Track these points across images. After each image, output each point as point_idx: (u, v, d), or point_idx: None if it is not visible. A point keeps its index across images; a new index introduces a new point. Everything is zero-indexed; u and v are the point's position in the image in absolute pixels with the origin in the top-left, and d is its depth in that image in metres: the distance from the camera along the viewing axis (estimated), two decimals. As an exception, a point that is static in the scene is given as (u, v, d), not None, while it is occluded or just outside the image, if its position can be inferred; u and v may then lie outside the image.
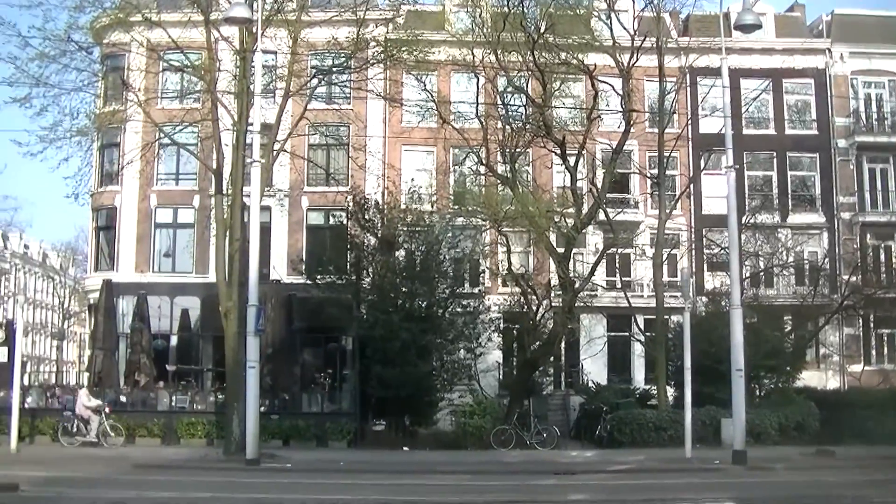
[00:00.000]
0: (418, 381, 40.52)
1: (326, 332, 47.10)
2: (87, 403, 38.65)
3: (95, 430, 38.11)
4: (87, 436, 38.13)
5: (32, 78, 36.77)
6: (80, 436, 38.16)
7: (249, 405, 32.35)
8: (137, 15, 38.75)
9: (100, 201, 56.17)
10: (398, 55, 41.49)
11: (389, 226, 44.80)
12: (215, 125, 38.26)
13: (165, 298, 51.55)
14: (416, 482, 28.09)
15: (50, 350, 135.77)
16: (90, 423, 38.31)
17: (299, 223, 55.27)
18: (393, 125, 54.72)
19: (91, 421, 38.34)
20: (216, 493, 23.89)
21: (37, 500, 22.07)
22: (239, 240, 35.93)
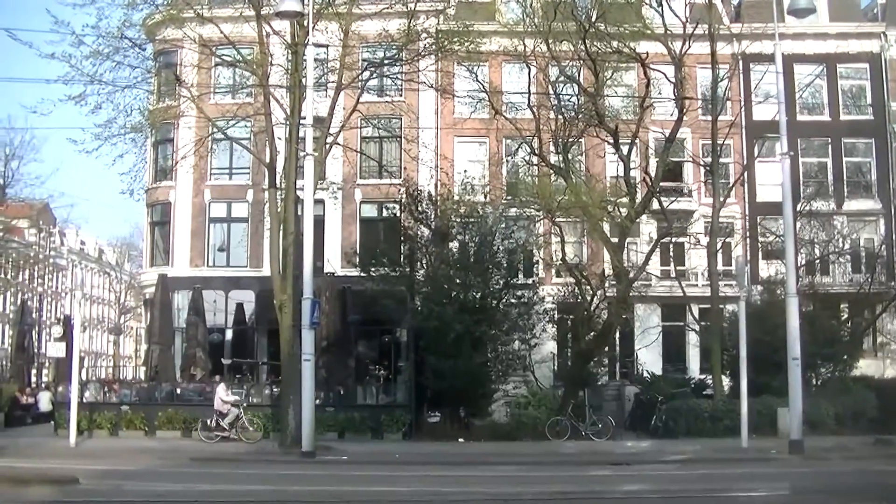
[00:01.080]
0: (473, 373, 40.43)
1: (381, 324, 47.27)
2: (224, 398, 38.74)
3: (233, 425, 38.19)
4: (224, 431, 38.21)
5: (87, 76, 36.98)
6: (218, 431, 38.17)
7: (305, 398, 32.43)
8: (189, 11, 38.93)
9: (154, 197, 56.65)
10: (449, 46, 41.32)
11: (443, 217, 44.73)
12: (268, 119, 38.37)
13: (220, 292, 52.01)
14: (472, 474, 28.14)
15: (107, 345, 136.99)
16: (227, 418, 38.38)
17: (353, 216, 55.39)
18: (445, 116, 54.69)
19: (229, 415, 38.41)
20: (272, 486, 23.99)
21: (95, 492, 22.18)
22: (293, 233, 36.00)
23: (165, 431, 40.13)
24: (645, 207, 43.98)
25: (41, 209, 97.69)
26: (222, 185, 56.88)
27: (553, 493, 23.12)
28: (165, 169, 55.88)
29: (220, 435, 37.95)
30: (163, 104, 45.66)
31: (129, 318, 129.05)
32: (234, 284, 53.26)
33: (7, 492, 21.29)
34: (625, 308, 46.05)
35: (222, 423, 38.15)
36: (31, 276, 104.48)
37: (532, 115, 45.13)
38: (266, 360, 50.35)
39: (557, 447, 36.93)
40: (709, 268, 46.46)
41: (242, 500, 21.86)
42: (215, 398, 38.93)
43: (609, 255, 44.30)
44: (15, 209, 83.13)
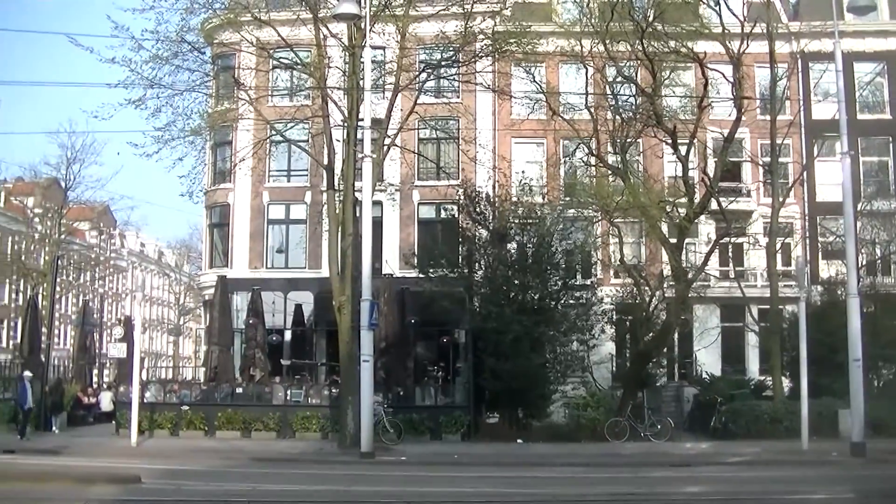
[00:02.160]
0: (531, 374, 40.37)
1: (439, 325, 47.20)
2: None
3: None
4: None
5: (146, 80, 37.41)
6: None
7: (364, 399, 32.56)
8: (247, 15, 39.14)
9: (213, 199, 57.04)
10: (506, 47, 41.28)
11: (501, 218, 44.67)
12: (326, 121, 38.56)
13: (279, 294, 52.24)
14: (531, 475, 28.10)
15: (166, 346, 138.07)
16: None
17: (411, 217, 55.50)
18: (502, 117, 54.66)
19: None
20: (332, 486, 24.10)
21: (158, 491, 22.40)
22: (351, 235, 36.17)
23: (225, 432, 40.39)
24: (703, 208, 43.69)
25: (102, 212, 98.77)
26: (281, 187, 57.15)
27: (613, 495, 23.07)
28: (224, 171, 56.22)
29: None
30: (221, 107, 45.98)
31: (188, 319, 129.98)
32: (293, 286, 53.47)
33: (72, 490, 21.57)
34: (683, 309, 45.85)
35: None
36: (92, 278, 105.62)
37: (589, 115, 45.04)
38: (325, 362, 50.56)
39: (616, 448, 36.83)
40: (768, 268, 46.19)
41: (303, 500, 21.98)
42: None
43: (667, 255, 44.09)
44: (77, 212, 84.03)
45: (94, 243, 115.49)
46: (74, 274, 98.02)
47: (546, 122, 50.25)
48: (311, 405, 42.02)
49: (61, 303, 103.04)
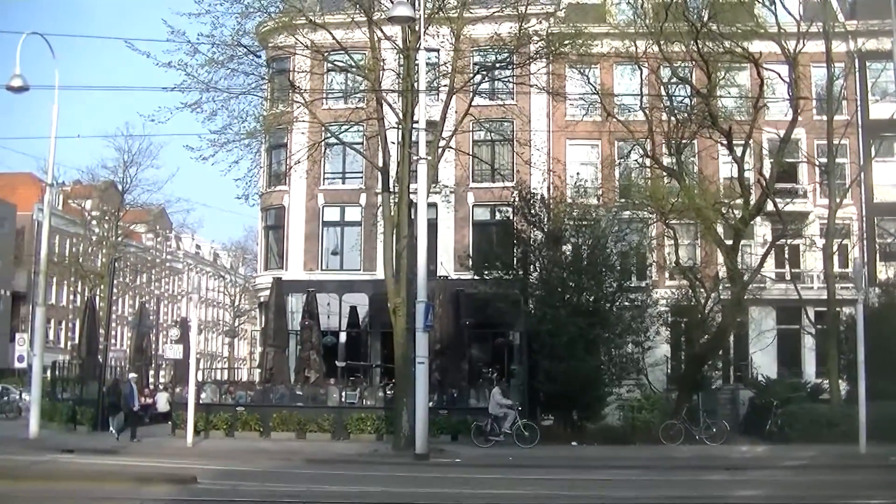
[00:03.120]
0: (586, 376, 40.23)
1: (494, 327, 47.15)
2: (501, 401, 38.88)
3: (509, 429, 38.13)
4: (499, 436, 38.24)
5: (202, 83, 37.62)
6: (493, 435, 38.21)
7: (419, 401, 32.59)
8: (301, 18, 39.33)
9: (268, 201, 57.34)
10: (560, 49, 41.23)
11: (556, 220, 44.59)
12: (381, 124, 38.65)
13: (334, 296, 52.44)
14: (585, 477, 28.03)
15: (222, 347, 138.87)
16: (504, 422, 38.44)
17: (465, 219, 55.52)
18: (557, 119, 54.57)
19: (506, 419, 38.47)
20: (387, 488, 24.16)
21: (213, 492, 22.57)
22: (406, 237, 36.25)
23: (280, 433, 40.54)
24: (759, 209, 43.39)
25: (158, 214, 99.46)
26: (335, 189, 57.36)
27: (668, 498, 23.02)
28: (279, 174, 56.45)
29: (495, 440, 37.97)
30: (276, 110, 46.13)
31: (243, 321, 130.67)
32: (348, 288, 53.63)
33: (129, 490, 21.79)
34: (739, 311, 45.49)
35: (502, 428, 38.16)
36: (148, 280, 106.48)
37: (644, 116, 44.91)
38: (379, 363, 50.67)
39: (671, 451, 36.66)
40: (825, 270, 45.81)
41: (359, 501, 22.07)
42: (490, 402, 39.19)
43: (723, 257, 43.81)
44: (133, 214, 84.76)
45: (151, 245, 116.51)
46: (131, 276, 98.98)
47: (601, 124, 50.16)
48: (365, 407, 42.14)
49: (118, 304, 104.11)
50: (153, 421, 47.93)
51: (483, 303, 44.35)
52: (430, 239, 37.42)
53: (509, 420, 38.24)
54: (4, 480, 23.06)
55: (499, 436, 38.14)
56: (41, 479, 23.98)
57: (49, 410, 44.18)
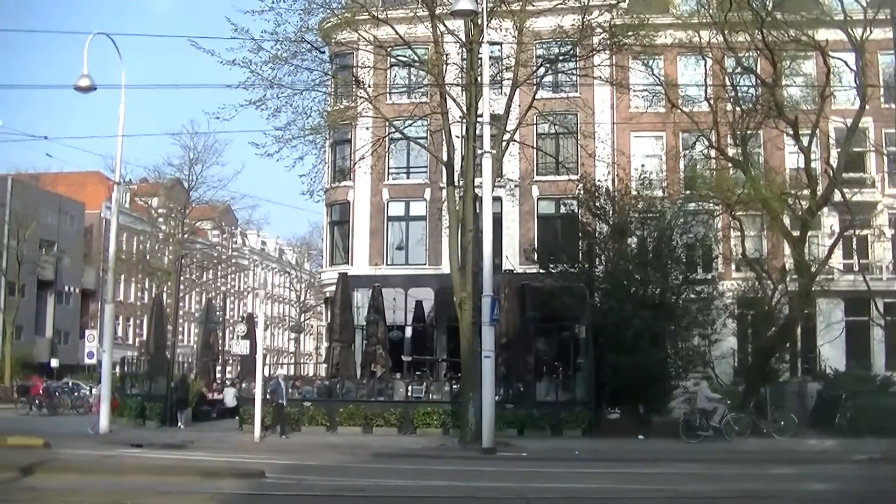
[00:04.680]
0: (652, 369, 40.04)
1: (559, 320, 46.90)
2: (710, 395, 38.75)
3: (718, 424, 37.80)
4: (708, 431, 37.86)
5: (266, 80, 37.96)
6: (702, 430, 37.86)
7: (485, 395, 32.57)
8: (364, 13, 39.44)
9: (333, 197, 57.57)
10: (624, 40, 41.03)
11: (621, 213, 44.41)
12: (445, 118, 38.67)
13: (399, 290, 52.49)
14: (652, 471, 27.93)
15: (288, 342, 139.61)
16: (713, 417, 38.12)
17: (530, 212, 55.48)
18: (621, 111, 54.38)
19: (715, 413, 38.18)
20: (453, 482, 24.13)
21: (281, 486, 22.67)
22: (472, 231, 36.27)
23: (346, 427, 40.66)
24: (826, 199, 43.00)
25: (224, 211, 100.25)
26: (400, 184, 57.51)
27: (735, 492, 22.79)
28: (343, 169, 56.69)
29: (704, 435, 37.59)
30: (340, 106, 46.28)
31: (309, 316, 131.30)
32: (413, 282, 53.74)
33: (198, 484, 21.92)
34: (807, 303, 45.01)
35: (711, 423, 37.78)
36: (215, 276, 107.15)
37: (709, 107, 44.56)
38: (445, 357, 50.76)
39: (739, 445, 36.33)
40: (894, 260, 45.29)
41: (425, 495, 22.02)
42: (699, 396, 39.10)
43: (790, 248, 43.49)
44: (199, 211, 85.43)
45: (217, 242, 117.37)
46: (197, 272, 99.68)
47: (665, 115, 49.83)
48: (431, 401, 42.18)
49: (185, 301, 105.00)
50: (220, 416, 48.33)
51: (548, 296, 44.23)
52: (496, 233, 37.25)
53: (718, 414, 37.84)
54: (77, 474, 23.33)
55: (707, 430, 37.67)
56: (112, 472, 24.22)
57: (118, 406, 44.58)
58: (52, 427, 41.06)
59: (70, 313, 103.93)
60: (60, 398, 58.78)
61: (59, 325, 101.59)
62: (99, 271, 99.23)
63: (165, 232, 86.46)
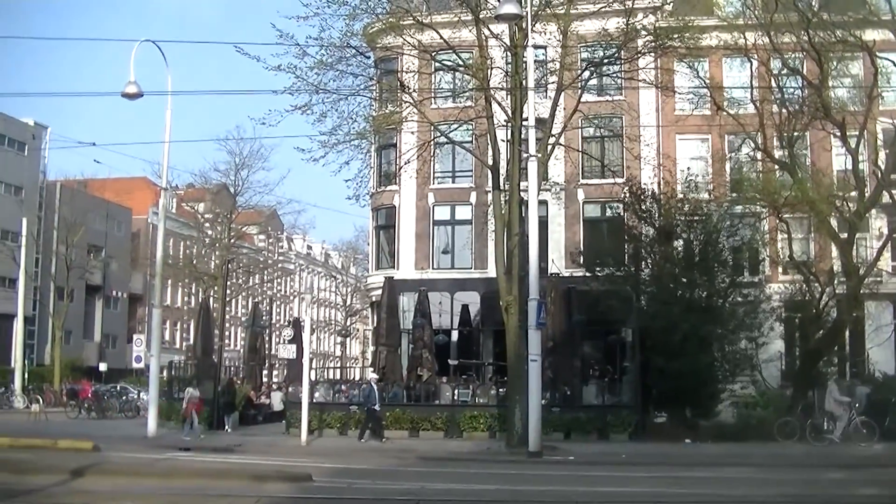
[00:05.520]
0: (699, 373, 39.92)
1: (606, 324, 46.77)
2: (838, 397, 38.25)
3: (842, 429, 37.29)
4: (833, 434, 37.45)
5: (312, 85, 38.04)
6: (827, 434, 37.49)
7: (531, 398, 32.54)
8: (408, 18, 39.46)
9: (379, 201, 57.72)
10: (669, 43, 40.90)
11: (667, 216, 44.32)
12: (490, 122, 38.67)
13: (445, 294, 52.65)
14: (699, 475, 27.75)
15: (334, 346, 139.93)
16: (838, 421, 37.64)
17: (576, 216, 55.47)
18: (666, 114, 54.21)
19: (840, 418, 37.66)
20: (500, 486, 24.15)
21: (329, 489, 22.76)
22: (518, 234, 36.27)
23: (393, 431, 40.66)
24: (875, 201, 42.72)
25: (270, 216, 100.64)
26: (446, 188, 57.63)
27: (783, 497, 22.67)
28: (389, 174, 56.91)
29: (829, 438, 37.25)
30: (385, 110, 46.40)
31: (355, 320, 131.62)
32: (459, 286, 53.85)
33: (246, 487, 22.07)
34: (855, 306, 44.65)
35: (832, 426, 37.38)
36: (261, 281, 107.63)
37: (755, 109, 44.38)
38: (492, 361, 50.73)
39: (786, 449, 36.08)
40: (945, 263, 44.91)
41: (471, 499, 22.07)
42: (826, 399, 38.62)
43: (838, 251, 43.22)
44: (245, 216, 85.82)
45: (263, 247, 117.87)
46: (244, 277, 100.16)
47: (710, 118, 49.68)
48: (478, 405, 42.19)
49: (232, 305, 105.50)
50: (267, 420, 48.57)
51: (594, 300, 44.22)
52: (541, 236, 37.20)
53: (843, 420, 37.60)
54: (128, 477, 23.56)
55: (833, 433, 37.32)
56: (162, 476, 24.39)
57: (166, 410, 44.86)
58: (101, 430, 41.42)
59: (118, 318, 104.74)
60: (109, 402, 59.26)
61: (108, 330, 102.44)
62: (146, 276, 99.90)
63: (212, 237, 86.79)
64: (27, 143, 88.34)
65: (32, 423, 47.25)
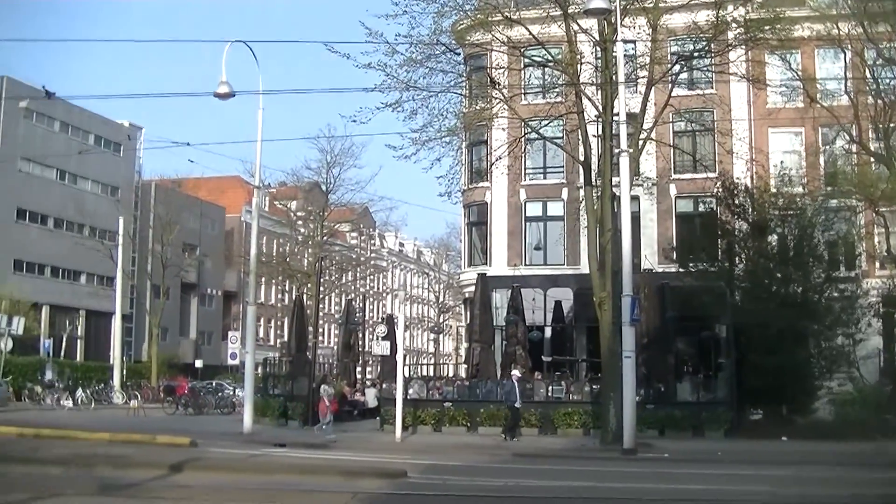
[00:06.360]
0: (795, 370, 39.49)
1: (699, 320, 46.39)
2: None
3: None
4: None
5: (402, 83, 38.27)
6: None
7: (626, 395, 32.43)
8: (497, 14, 39.48)
9: (471, 198, 57.77)
10: (760, 35, 40.46)
11: (760, 210, 43.91)
12: (580, 117, 38.55)
13: (538, 290, 52.58)
14: (795, 474, 27.38)
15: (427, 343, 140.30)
16: None
17: (668, 211, 55.10)
18: (758, 107, 53.62)
19: None
20: (595, 483, 24.04)
21: (423, 486, 22.80)
22: (610, 230, 36.18)
23: (487, 428, 40.80)
24: (974, 193, 42.00)
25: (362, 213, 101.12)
26: (537, 184, 57.51)
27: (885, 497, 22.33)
28: (480, 170, 56.92)
29: None
30: (476, 107, 46.45)
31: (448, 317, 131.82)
32: (552, 282, 53.76)
33: (341, 483, 22.21)
34: (956, 300, 43.99)
35: None
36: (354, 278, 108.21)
37: (849, 101, 43.84)
38: (585, 358, 50.59)
39: (886, 447, 35.49)
40: None
41: (566, 496, 21.98)
42: None
43: (937, 245, 42.54)
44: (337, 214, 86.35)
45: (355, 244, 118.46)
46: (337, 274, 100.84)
47: (804, 110, 49.17)
48: (572, 401, 42.15)
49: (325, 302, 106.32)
50: (362, 416, 48.86)
51: (688, 295, 43.92)
52: (634, 232, 37.03)
53: None
54: (225, 472, 23.83)
55: None
56: (258, 471, 24.67)
57: (261, 406, 45.31)
58: (197, 426, 41.98)
59: (213, 315, 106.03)
60: (205, 398, 60.02)
61: (203, 327, 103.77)
62: (240, 274, 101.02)
63: (304, 234, 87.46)
64: (123, 143, 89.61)
65: (131, 419, 48.01)
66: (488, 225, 57.97)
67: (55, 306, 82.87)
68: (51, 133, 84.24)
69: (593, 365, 44.70)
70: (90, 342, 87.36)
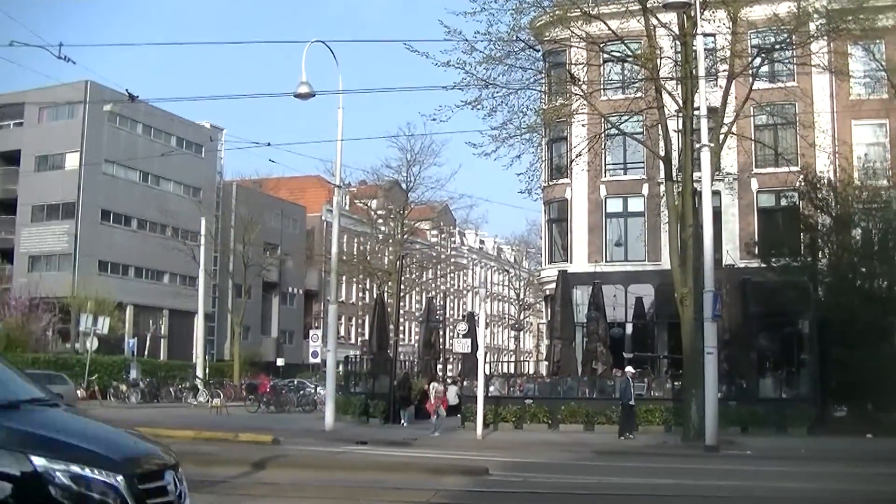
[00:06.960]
0: (881, 365, 38.81)
1: (782, 316, 45.91)
2: None
3: None
4: None
5: (481, 80, 38.25)
6: None
7: (708, 392, 32.22)
8: (576, 10, 39.34)
9: (551, 195, 57.64)
10: (843, 25, 39.98)
11: (844, 204, 43.38)
12: (661, 112, 38.31)
13: (619, 287, 52.35)
14: (880, 471, 26.97)
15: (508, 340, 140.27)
16: None
17: (749, 206, 54.54)
18: (841, 99, 52.86)
19: None
20: (678, 480, 23.86)
21: (505, 483, 22.81)
22: (691, 226, 35.89)
23: (568, 425, 40.73)
24: None
25: (442, 211, 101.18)
26: (617, 180, 57.23)
27: None
28: (560, 167, 56.75)
29: None
30: (555, 103, 46.32)
31: (528, 314, 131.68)
32: (633, 279, 53.48)
33: (423, 480, 22.23)
34: None
35: None
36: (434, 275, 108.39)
37: (939, 91, 43.15)
38: (667, 354, 50.27)
39: None
40: None
41: (649, 493, 21.86)
42: None
43: None
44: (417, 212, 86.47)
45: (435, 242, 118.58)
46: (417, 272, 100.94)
47: (888, 101, 48.48)
48: (653, 398, 41.99)
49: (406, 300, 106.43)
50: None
51: (770, 291, 43.49)
52: (715, 227, 36.78)
53: None
54: (307, 470, 23.96)
55: None
56: (340, 468, 24.81)
57: (343, 404, 45.55)
58: (279, 424, 42.28)
59: (294, 313, 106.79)
60: (287, 396, 60.43)
61: (284, 326, 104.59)
62: (321, 272, 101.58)
63: (385, 233, 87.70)
64: (204, 145, 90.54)
65: (214, 417, 48.44)
66: (569, 221, 57.79)
67: (139, 306, 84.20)
68: (134, 136, 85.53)
69: (674, 361, 44.40)
70: (173, 341, 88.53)
